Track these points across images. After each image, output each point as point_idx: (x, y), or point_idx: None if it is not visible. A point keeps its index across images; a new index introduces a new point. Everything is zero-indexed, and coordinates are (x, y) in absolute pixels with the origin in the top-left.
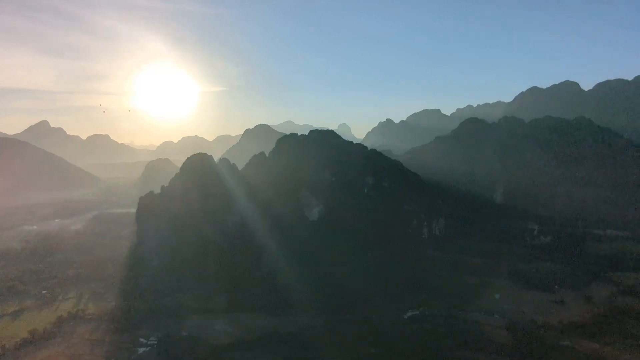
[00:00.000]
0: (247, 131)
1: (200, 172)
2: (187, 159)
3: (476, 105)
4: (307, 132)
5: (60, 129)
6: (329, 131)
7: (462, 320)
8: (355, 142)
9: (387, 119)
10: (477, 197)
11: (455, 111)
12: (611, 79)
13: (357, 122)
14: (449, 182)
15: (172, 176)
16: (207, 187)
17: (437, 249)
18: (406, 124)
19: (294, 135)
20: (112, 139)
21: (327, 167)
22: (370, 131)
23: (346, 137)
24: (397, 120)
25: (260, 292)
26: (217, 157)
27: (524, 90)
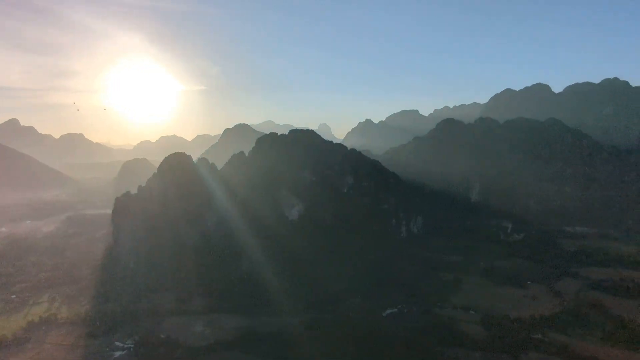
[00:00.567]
0: (226, 130)
1: (178, 172)
2: (165, 158)
3: (453, 106)
4: (287, 132)
5: (31, 128)
6: (309, 131)
7: (439, 316)
8: (335, 142)
9: (366, 119)
10: (454, 196)
11: (432, 112)
12: (580, 82)
13: (338, 122)
14: (426, 181)
15: (150, 176)
16: (186, 186)
17: (416, 247)
18: (385, 124)
19: (274, 134)
20: (86, 138)
21: (307, 166)
22: (350, 131)
23: (326, 137)
24: (376, 120)
25: (239, 292)
26: (196, 157)
27: (499, 92)
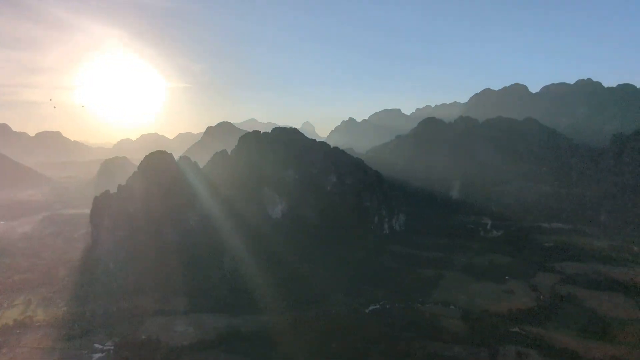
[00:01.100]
0: (209, 129)
1: (159, 170)
2: (146, 156)
3: (434, 105)
4: (270, 130)
5: (4, 125)
6: (292, 129)
7: (420, 312)
8: (318, 140)
9: (349, 118)
10: (435, 194)
11: (414, 111)
12: (555, 82)
13: (321, 121)
14: (408, 179)
15: (130, 175)
16: (167, 185)
17: (398, 244)
18: (368, 123)
19: (256, 132)
20: (64, 136)
21: (290, 165)
22: (333, 130)
23: (310, 136)
24: (359, 119)
25: (222, 291)
26: (177, 155)
27: (478, 91)
